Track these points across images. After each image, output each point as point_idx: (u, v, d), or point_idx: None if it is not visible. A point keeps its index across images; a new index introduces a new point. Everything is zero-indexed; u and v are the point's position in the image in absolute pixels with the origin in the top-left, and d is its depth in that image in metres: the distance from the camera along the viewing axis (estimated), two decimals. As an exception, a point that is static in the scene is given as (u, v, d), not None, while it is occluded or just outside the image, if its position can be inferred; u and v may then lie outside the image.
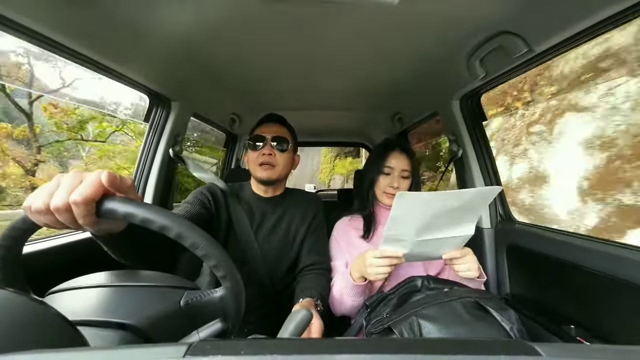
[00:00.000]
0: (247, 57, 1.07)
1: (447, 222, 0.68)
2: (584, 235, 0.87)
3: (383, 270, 0.72)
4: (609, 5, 0.62)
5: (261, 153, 0.91)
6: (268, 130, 0.94)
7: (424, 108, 1.53)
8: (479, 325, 0.60)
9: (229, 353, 0.23)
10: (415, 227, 0.66)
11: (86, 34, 0.77)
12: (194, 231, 0.41)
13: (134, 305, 0.39)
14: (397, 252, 0.71)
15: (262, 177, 0.92)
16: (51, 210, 0.37)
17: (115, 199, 0.39)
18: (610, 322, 0.76)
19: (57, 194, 0.37)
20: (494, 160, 1.23)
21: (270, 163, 0.91)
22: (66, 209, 0.37)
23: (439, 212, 0.64)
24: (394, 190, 0.99)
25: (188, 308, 0.42)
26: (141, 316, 0.38)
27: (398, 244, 0.70)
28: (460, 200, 0.64)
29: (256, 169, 0.92)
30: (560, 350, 0.24)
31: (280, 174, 0.94)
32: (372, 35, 0.90)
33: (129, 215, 0.39)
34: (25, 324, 0.27)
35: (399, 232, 0.67)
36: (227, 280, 0.43)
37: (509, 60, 0.87)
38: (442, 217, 0.66)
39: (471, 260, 0.74)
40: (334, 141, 2.91)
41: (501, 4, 0.74)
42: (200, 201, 0.90)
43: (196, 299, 0.43)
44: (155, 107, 1.23)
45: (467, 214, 0.68)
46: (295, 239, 0.98)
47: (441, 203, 0.63)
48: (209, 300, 0.44)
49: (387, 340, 0.28)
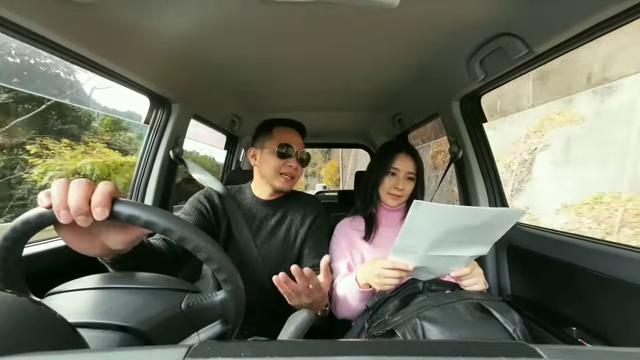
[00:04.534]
0: (248, 59, 1.07)
1: (461, 239, 0.64)
2: (585, 237, 0.87)
3: (392, 282, 0.71)
4: (609, 7, 0.62)
5: (287, 164, 0.91)
6: (296, 141, 0.94)
7: (424, 109, 1.53)
8: (482, 327, 0.60)
9: (229, 355, 0.23)
10: (427, 240, 0.62)
11: (86, 36, 0.78)
12: (197, 234, 0.41)
13: (135, 307, 0.39)
14: (408, 266, 0.68)
15: (281, 188, 0.93)
16: (69, 203, 0.39)
17: (122, 201, 0.40)
18: (612, 324, 0.75)
19: (73, 189, 0.39)
20: (494, 162, 1.23)
21: (293, 176, 0.92)
22: (86, 196, 0.39)
23: (455, 228, 0.60)
24: (398, 192, 0.98)
25: (189, 311, 0.42)
26: (142, 319, 0.38)
27: (407, 256, 0.67)
28: (480, 219, 0.60)
29: (277, 177, 0.91)
30: (562, 352, 0.24)
31: (294, 186, 0.97)
32: (372, 37, 0.90)
33: (134, 217, 0.39)
34: (25, 326, 0.26)
35: (411, 243, 0.64)
36: (228, 283, 0.43)
37: (509, 62, 0.87)
38: (458, 234, 0.62)
39: (478, 274, 0.74)
40: (334, 142, 2.91)
41: (501, 6, 0.74)
42: (197, 210, 0.90)
43: (197, 302, 0.43)
44: (155, 109, 1.24)
45: (484, 234, 0.64)
46: (295, 241, 0.97)
47: (458, 219, 0.59)
48: (210, 303, 0.44)
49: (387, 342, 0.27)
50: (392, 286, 0.72)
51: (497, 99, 4.95)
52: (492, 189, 1.22)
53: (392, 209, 1.02)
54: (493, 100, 4.94)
